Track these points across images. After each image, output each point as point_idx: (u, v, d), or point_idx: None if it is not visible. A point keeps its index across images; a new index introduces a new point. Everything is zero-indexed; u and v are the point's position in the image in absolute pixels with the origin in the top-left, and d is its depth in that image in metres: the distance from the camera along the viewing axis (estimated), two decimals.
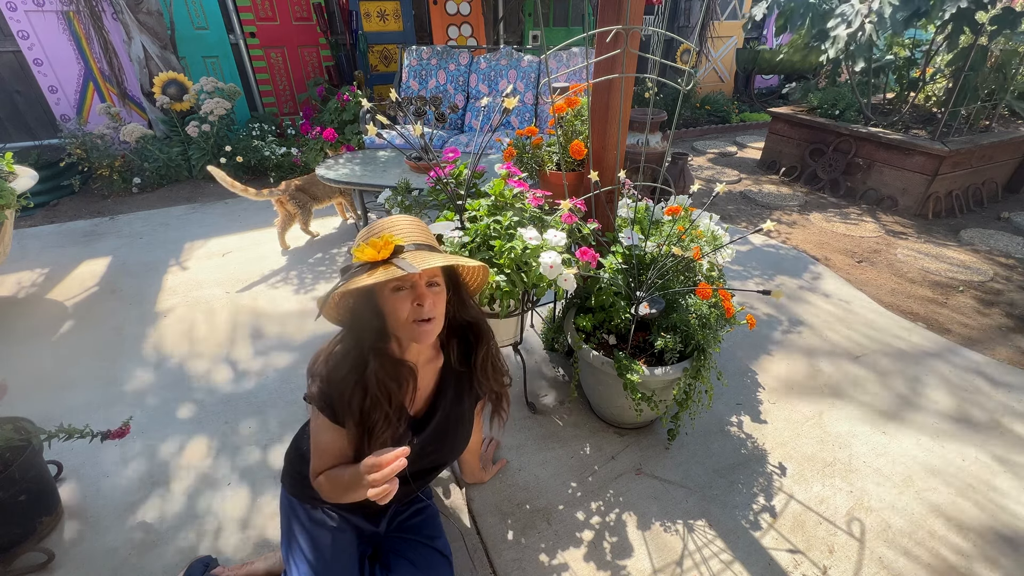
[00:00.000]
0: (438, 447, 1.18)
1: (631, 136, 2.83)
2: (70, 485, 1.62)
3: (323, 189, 3.15)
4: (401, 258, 0.91)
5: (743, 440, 1.83)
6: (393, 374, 1.01)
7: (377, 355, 0.99)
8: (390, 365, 1.01)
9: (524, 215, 1.60)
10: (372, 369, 0.98)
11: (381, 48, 5.49)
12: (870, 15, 3.43)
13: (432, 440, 1.15)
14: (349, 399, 0.98)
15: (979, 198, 4.05)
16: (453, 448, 1.25)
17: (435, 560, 1.20)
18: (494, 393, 1.23)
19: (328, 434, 1.03)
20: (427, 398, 1.16)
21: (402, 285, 0.94)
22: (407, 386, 1.04)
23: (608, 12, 1.48)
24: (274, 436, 1.83)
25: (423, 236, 1.01)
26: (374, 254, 0.89)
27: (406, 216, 1.04)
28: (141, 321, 2.48)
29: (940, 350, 2.32)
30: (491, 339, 1.18)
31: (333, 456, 1.04)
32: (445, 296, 1.01)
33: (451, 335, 1.15)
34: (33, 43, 4.07)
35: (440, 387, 1.17)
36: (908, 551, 1.46)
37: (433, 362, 1.15)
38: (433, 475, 1.28)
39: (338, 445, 1.03)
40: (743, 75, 7.39)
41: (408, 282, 0.94)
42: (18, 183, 2.44)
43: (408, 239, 0.97)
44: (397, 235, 0.96)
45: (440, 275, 0.99)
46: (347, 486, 0.97)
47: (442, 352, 1.16)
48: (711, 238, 1.81)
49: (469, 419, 1.25)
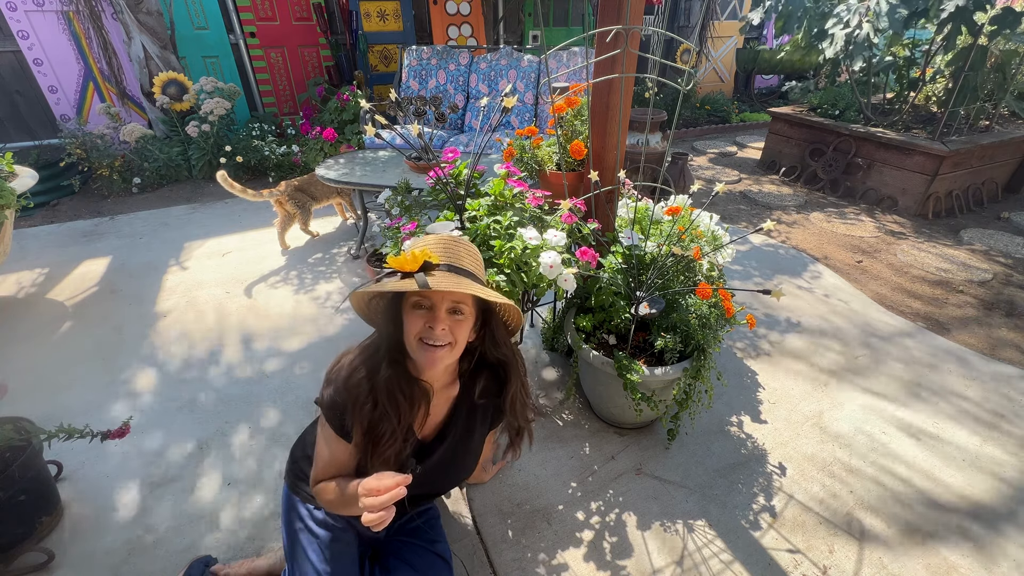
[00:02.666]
0: (440, 475, 1.16)
1: (631, 136, 2.83)
2: (70, 485, 1.62)
3: (322, 189, 3.15)
4: (426, 275, 0.87)
5: (743, 440, 1.83)
6: (405, 390, 0.99)
7: (392, 365, 0.97)
8: (404, 380, 0.99)
9: (524, 215, 1.60)
10: (384, 377, 0.96)
11: (381, 48, 5.49)
12: (868, 14, 3.43)
13: (436, 468, 1.13)
14: (362, 404, 0.96)
15: (979, 198, 4.05)
16: (455, 479, 1.23)
17: (435, 564, 1.20)
18: (517, 428, 1.20)
19: (331, 445, 1.02)
20: (437, 425, 1.14)
21: (422, 303, 0.92)
22: (419, 406, 1.02)
23: (608, 12, 1.48)
24: (274, 436, 1.83)
25: (468, 261, 0.97)
26: (403, 263, 0.86)
27: (464, 240, 1.01)
28: (141, 321, 2.48)
29: (940, 350, 2.32)
30: (522, 377, 1.15)
31: (334, 468, 1.03)
32: (468, 326, 0.97)
33: (480, 368, 1.13)
34: (33, 43, 4.07)
35: (452, 416, 1.14)
36: (908, 551, 1.46)
37: (448, 389, 1.12)
38: (430, 500, 1.27)
39: (341, 458, 1.02)
40: (743, 75, 7.39)
41: (428, 301, 0.92)
42: (18, 183, 2.44)
43: (445, 259, 0.93)
44: (437, 253, 0.92)
45: (468, 305, 0.95)
46: (343, 502, 0.96)
47: (459, 381, 1.14)
48: (711, 238, 1.81)
49: (476, 452, 1.22)
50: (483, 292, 0.92)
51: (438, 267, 0.91)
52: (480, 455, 1.25)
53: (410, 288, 0.85)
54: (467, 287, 0.89)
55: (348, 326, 2.44)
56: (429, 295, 0.90)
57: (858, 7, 3.53)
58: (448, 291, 0.89)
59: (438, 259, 0.91)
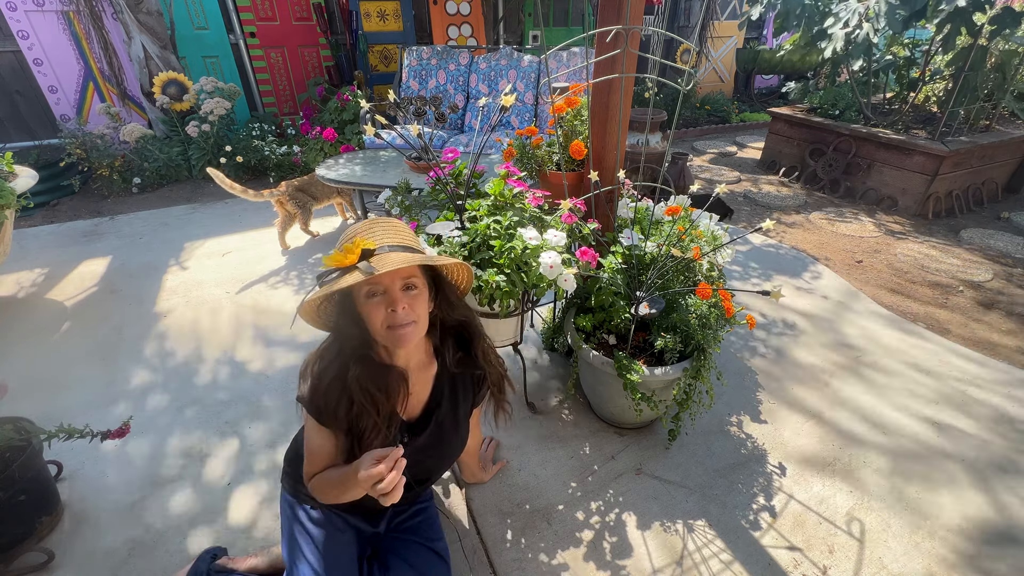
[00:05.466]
0: (434, 452, 1.18)
1: (631, 136, 2.83)
2: (70, 485, 1.62)
3: (322, 189, 3.15)
4: (368, 262, 0.87)
5: (743, 440, 1.83)
6: (379, 381, 0.99)
7: (360, 362, 0.98)
8: (376, 372, 1.00)
9: (524, 215, 1.60)
10: (354, 376, 0.96)
11: (381, 48, 5.49)
12: (867, 14, 3.43)
13: (428, 445, 1.15)
14: (335, 408, 0.97)
15: (979, 198, 4.05)
16: (450, 453, 1.25)
17: (433, 562, 1.20)
18: (498, 378, 1.22)
19: (318, 437, 1.03)
20: (422, 403, 1.16)
21: (375, 290, 0.92)
22: (398, 392, 1.03)
23: (608, 12, 1.48)
24: (274, 436, 1.83)
25: (399, 238, 0.97)
26: (342, 259, 0.86)
27: (383, 218, 1.01)
28: (141, 321, 2.48)
29: (940, 350, 2.32)
30: (483, 332, 1.18)
31: (324, 459, 1.04)
32: (425, 297, 0.98)
33: (445, 337, 1.14)
34: (33, 43, 4.07)
35: (435, 393, 1.16)
36: (908, 551, 1.46)
37: (427, 368, 1.14)
38: (432, 480, 1.28)
39: (328, 449, 1.03)
40: (743, 75, 7.39)
41: (380, 287, 0.92)
42: (18, 183, 2.44)
43: (381, 241, 0.94)
44: (369, 238, 0.93)
45: (419, 276, 0.96)
46: (339, 487, 0.97)
47: (435, 358, 1.15)
48: (711, 238, 1.81)
49: (465, 424, 1.24)
50: (429, 259, 0.95)
51: (376, 251, 0.90)
52: (468, 432, 1.27)
53: (358, 280, 0.85)
54: (412, 259, 0.90)
55: None
56: (380, 280, 0.90)
57: (857, 7, 3.53)
58: (397, 269, 0.88)
59: (373, 244, 0.90)
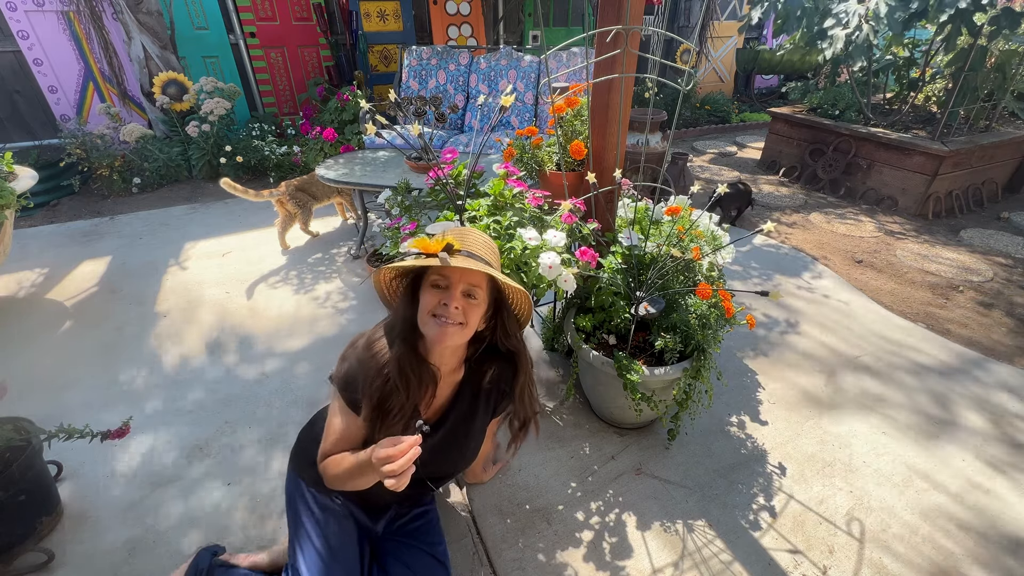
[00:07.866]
0: (441, 458, 1.18)
1: (631, 136, 2.83)
2: (70, 485, 1.62)
3: (322, 188, 3.15)
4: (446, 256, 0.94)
5: (743, 440, 1.83)
6: (415, 369, 1.03)
7: (404, 343, 1.03)
8: (414, 360, 1.04)
9: (524, 215, 1.59)
10: (396, 354, 1.02)
11: (381, 48, 5.49)
12: (868, 15, 3.43)
13: (439, 448, 1.16)
14: (373, 379, 1.02)
15: (979, 198, 4.05)
16: (456, 462, 1.25)
17: (432, 567, 1.21)
18: (525, 420, 1.23)
19: (341, 418, 1.07)
20: (440, 407, 1.17)
21: (440, 282, 0.99)
22: (426, 387, 1.07)
23: (608, 12, 1.48)
24: (273, 436, 1.82)
25: (485, 252, 1.03)
26: (428, 245, 0.93)
27: (478, 231, 1.08)
28: (141, 321, 2.48)
29: (939, 351, 2.32)
30: (529, 370, 1.20)
31: (343, 440, 1.07)
32: (481, 311, 1.03)
33: (489, 357, 1.17)
34: (33, 43, 4.06)
35: (455, 400, 1.18)
36: (908, 552, 1.46)
37: (454, 374, 1.16)
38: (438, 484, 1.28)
39: (350, 430, 1.06)
40: (743, 75, 7.39)
41: (446, 281, 0.98)
42: (18, 183, 2.44)
43: (466, 247, 1.00)
44: (459, 240, 0.99)
45: (482, 288, 1.01)
46: (351, 470, 0.99)
47: (463, 367, 1.17)
48: (711, 238, 1.81)
49: (477, 437, 1.25)
50: (498, 274, 1.01)
51: (459, 252, 0.98)
52: (480, 444, 1.28)
53: (433, 263, 0.92)
54: (484, 268, 0.97)
55: (347, 326, 2.44)
56: (447, 274, 0.97)
57: (857, 8, 3.53)
58: (466, 270, 0.96)
59: (460, 246, 0.98)
